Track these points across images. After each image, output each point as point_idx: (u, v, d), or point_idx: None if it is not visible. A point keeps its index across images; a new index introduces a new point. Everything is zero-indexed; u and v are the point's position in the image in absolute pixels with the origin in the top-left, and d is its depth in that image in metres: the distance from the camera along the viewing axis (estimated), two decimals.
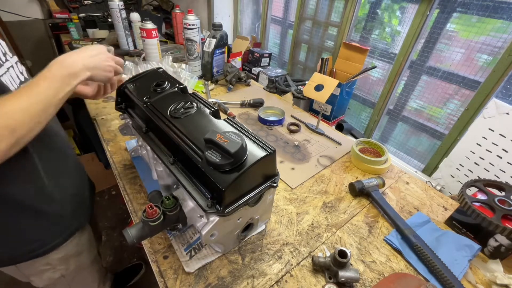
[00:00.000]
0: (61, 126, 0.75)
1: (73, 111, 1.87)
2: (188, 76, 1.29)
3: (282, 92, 1.38)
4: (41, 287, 0.75)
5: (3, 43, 0.58)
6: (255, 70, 1.58)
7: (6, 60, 0.57)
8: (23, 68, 0.62)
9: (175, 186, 0.63)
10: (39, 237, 0.64)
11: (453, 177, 1.00)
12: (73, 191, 0.71)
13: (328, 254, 0.63)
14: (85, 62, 0.55)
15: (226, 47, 1.42)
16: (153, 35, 1.33)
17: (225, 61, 1.47)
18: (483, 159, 0.90)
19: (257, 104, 1.23)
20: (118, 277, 1.40)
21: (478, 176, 0.92)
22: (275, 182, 0.53)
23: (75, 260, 0.76)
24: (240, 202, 0.48)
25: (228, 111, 1.16)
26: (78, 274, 0.79)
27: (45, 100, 0.47)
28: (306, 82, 1.13)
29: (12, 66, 0.57)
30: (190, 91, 1.21)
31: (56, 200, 0.64)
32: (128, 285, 1.42)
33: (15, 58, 0.60)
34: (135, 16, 1.65)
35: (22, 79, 0.60)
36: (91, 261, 0.84)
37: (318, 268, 0.59)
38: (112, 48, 0.69)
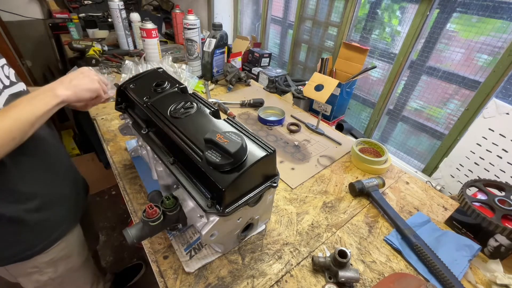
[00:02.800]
0: (53, 128, 0.74)
1: (73, 111, 1.88)
2: (188, 76, 1.29)
3: (282, 92, 1.38)
4: None
5: None
6: (255, 70, 1.58)
7: None
8: (10, 72, 0.61)
9: (175, 186, 0.63)
10: (21, 242, 0.64)
11: (453, 177, 1.00)
12: (61, 195, 0.71)
13: (328, 254, 0.63)
14: (65, 85, 0.58)
15: (226, 47, 1.42)
16: (153, 35, 1.33)
17: (225, 61, 1.47)
18: (483, 159, 0.90)
19: (257, 104, 1.23)
20: (118, 277, 1.41)
21: (478, 176, 0.91)
22: (275, 182, 0.53)
23: (64, 263, 0.75)
24: (240, 202, 0.48)
25: (228, 111, 1.16)
26: (68, 276, 0.78)
27: (22, 119, 0.49)
28: (306, 82, 1.13)
29: None
30: (190, 91, 1.21)
31: (39, 207, 0.64)
32: (128, 285, 1.42)
33: (3, 61, 0.59)
34: (135, 16, 1.65)
35: (7, 83, 0.59)
36: (81, 263, 0.83)
37: (318, 268, 0.59)
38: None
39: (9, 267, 0.66)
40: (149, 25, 1.30)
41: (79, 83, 0.60)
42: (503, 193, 0.67)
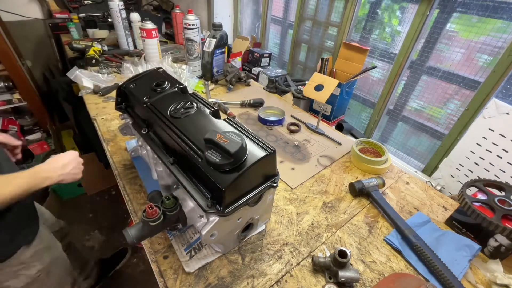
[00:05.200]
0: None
1: (73, 111, 1.87)
2: (188, 76, 1.29)
3: (282, 92, 1.38)
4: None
5: None
6: (255, 70, 1.58)
7: None
8: None
9: (175, 186, 0.63)
10: (8, 239, 0.70)
11: (453, 177, 1.00)
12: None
13: (328, 254, 0.63)
14: (58, 172, 0.68)
15: (226, 47, 1.41)
16: (153, 35, 1.33)
17: (225, 61, 1.47)
18: (483, 159, 0.90)
19: (257, 104, 1.23)
20: (104, 263, 1.45)
21: (478, 176, 0.91)
22: (275, 182, 0.53)
23: (47, 253, 0.84)
24: (240, 202, 0.48)
25: (228, 111, 1.16)
26: (53, 265, 0.87)
27: (17, 192, 0.60)
28: (306, 82, 1.13)
29: None
30: (190, 91, 1.21)
31: (11, 211, 0.70)
32: (115, 270, 1.48)
33: None
34: (135, 16, 1.65)
35: None
36: (60, 253, 0.92)
37: (318, 268, 0.59)
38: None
39: None
40: (149, 25, 1.30)
41: (68, 173, 0.70)
42: (503, 193, 0.67)
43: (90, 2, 2.06)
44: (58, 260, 0.90)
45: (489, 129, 0.87)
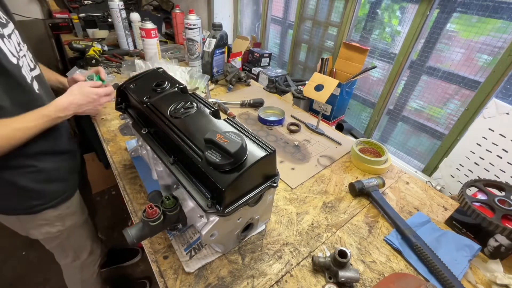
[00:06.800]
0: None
1: None
2: (199, 76, 1.30)
3: (282, 92, 1.38)
4: (39, 238, 0.88)
5: (17, 32, 0.70)
6: (255, 70, 1.58)
7: (20, 49, 0.68)
8: (29, 55, 0.74)
9: (175, 186, 0.63)
10: (38, 197, 0.78)
11: (453, 177, 1.00)
12: (68, 161, 0.86)
13: (328, 254, 0.63)
14: (76, 104, 0.76)
15: (226, 47, 1.42)
16: (152, 35, 1.33)
17: (225, 61, 1.47)
18: (483, 159, 0.90)
19: (257, 104, 1.23)
20: (111, 253, 1.48)
21: (478, 176, 0.91)
22: (275, 182, 0.53)
23: (70, 219, 0.90)
24: (240, 202, 0.48)
25: (228, 111, 1.16)
26: (73, 231, 0.94)
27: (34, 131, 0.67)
28: (306, 82, 1.13)
29: (25, 55, 0.70)
30: (202, 89, 1.23)
31: (54, 168, 0.79)
32: (117, 265, 1.50)
33: (25, 46, 0.72)
34: (135, 16, 1.65)
35: (32, 66, 0.73)
36: (83, 221, 0.98)
37: (318, 268, 0.59)
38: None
39: (22, 218, 0.80)
40: (149, 25, 1.31)
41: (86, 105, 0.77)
42: (503, 193, 0.67)
43: (90, 2, 2.06)
44: (81, 226, 0.97)
45: (489, 129, 0.87)
